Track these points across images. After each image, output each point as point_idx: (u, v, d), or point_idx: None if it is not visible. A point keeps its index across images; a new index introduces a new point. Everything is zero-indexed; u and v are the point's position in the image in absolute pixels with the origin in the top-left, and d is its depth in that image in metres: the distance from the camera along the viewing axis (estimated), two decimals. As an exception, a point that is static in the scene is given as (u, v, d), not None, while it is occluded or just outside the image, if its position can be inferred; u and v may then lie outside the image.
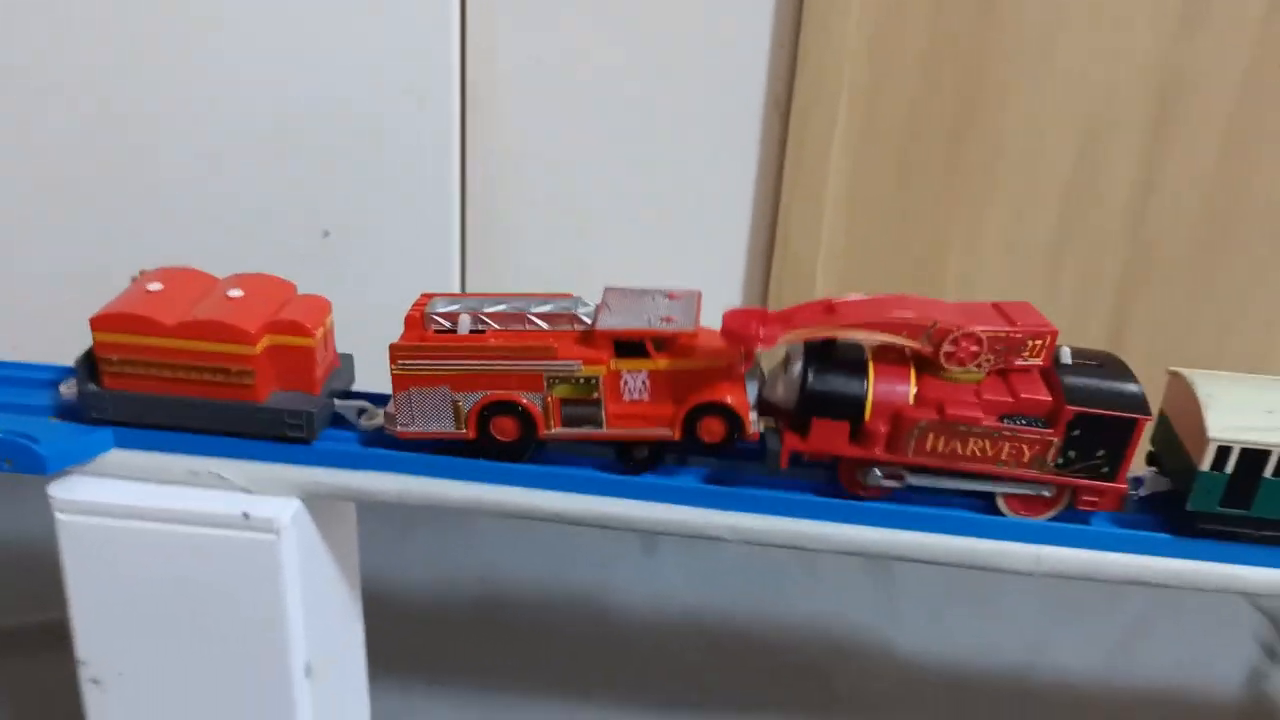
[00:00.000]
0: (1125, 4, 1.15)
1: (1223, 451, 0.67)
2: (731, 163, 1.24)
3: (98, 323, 0.71)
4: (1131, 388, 0.68)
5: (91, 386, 0.73)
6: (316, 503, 0.75)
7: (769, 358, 0.73)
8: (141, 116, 1.19)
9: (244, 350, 0.71)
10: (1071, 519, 0.71)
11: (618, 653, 1.15)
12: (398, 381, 0.71)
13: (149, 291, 0.73)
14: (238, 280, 0.76)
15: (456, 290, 1.30)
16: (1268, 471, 0.67)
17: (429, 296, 0.75)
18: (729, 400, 0.70)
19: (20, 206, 1.23)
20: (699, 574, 1.26)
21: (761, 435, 0.72)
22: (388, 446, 0.74)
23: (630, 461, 0.73)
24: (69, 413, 0.75)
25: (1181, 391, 0.71)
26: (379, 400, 0.77)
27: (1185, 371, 0.72)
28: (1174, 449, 0.72)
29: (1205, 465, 0.68)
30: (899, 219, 1.26)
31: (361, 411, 0.77)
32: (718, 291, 1.30)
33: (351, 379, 0.79)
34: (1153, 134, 1.20)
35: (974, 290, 1.28)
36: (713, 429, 0.71)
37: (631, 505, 0.73)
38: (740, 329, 0.67)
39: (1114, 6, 1.15)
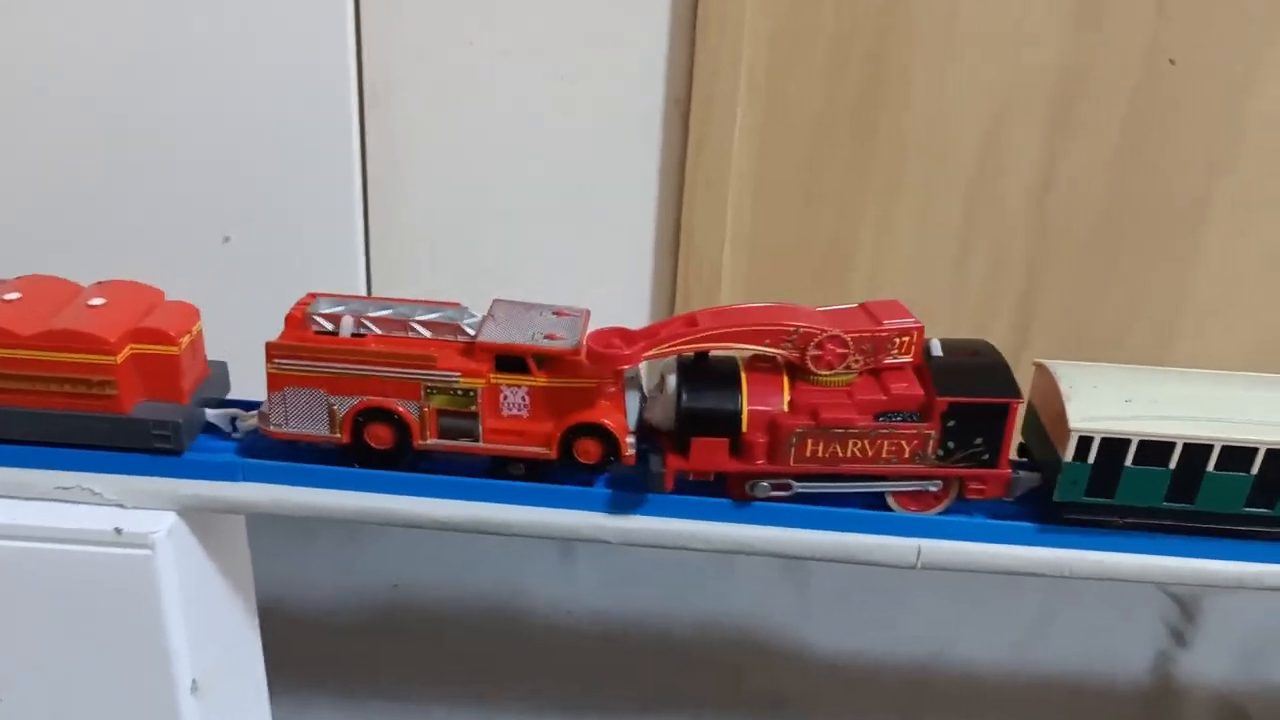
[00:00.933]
0: (1022, -5, 1.16)
1: (1084, 441, 0.68)
2: (635, 160, 1.23)
3: None
4: (1000, 372, 0.69)
5: None
6: (196, 515, 0.73)
7: (650, 377, 0.72)
8: (30, 120, 1.16)
9: (104, 360, 0.69)
10: (961, 510, 0.72)
11: (529, 658, 1.15)
12: (273, 380, 0.70)
13: (5, 301, 0.71)
14: (100, 288, 0.74)
15: (363, 292, 1.28)
16: (1128, 460, 0.68)
17: (314, 296, 0.74)
18: (606, 422, 0.69)
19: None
20: (614, 577, 1.26)
21: (643, 455, 0.71)
22: (263, 456, 0.73)
23: (505, 478, 0.72)
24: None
25: (1046, 383, 0.72)
26: (254, 406, 0.75)
27: (1048, 363, 0.73)
28: (1041, 440, 0.72)
29: (1069, 456, 0.68)
30: (806, 211, 1.26)
31: (234, 419, 0.75)
32: (627, 288, 1.30)
33: (226, 387, 0.78)
34: (1053, 124, 1.21)
35: (884, 281, 1.29)
36: (589, 450, 0.70)
37: (513, 510, 0.72)
38: (603, 349, 0.66)
39: (1011, -2, 1.16)
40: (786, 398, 0.69)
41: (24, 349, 0.69)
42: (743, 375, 0.70)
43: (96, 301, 0.72)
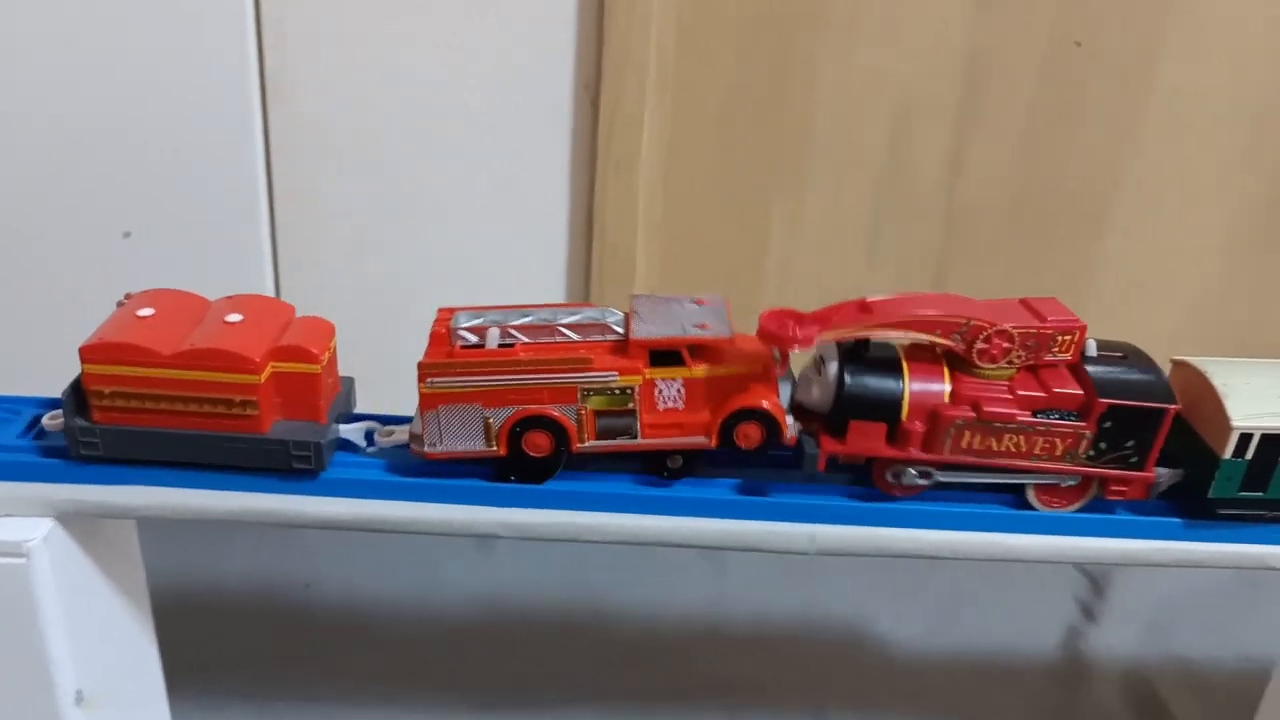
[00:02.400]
0: (925, -20, 1.16)
1: (1244, 438, 0.69)
2: (545, 147, 1.20)
3: (88, 353, 0.67)
4: (1158, 378, 0.70)
5: (80, 421, 0.68)
6: (79, 521, 0.71)
7: (798, 361, 0.71)
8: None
9: (249, 380, 0.67)
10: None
11: (447, 653, 1.13)
12: (426, 400, 0.69)
13: (140, 318, 0.69)
14: (234, 303, 0.72)
15: (270, 286, 1.25)
16: None
17: (450, 311, 0.73)
18: (765, 405, 0.69)
19: None
20: (535, 570, 1.25)
21: (797, 440, 0.71)
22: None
23: (664, 471, 0.72)
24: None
25: (1192, 378, 0.72)
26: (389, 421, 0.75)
27: (1193, 359, 0.73)
28: (1186, 437, 0.72)
29: (1228, 453, 0.69)
30: (719, 199, 1.25)
31: (370, 433, 0.74)
32: (539, 277, 1.28)
33: (353, 402, 0.76)
34: (961, 110, 1.22)
35: (797, 268, 1.29)
36: (750, 435, 0.69)
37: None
38: (778, 330, 0.66)
39: (915, -17, 1.16)
40: (948, 388, 0.69)
41: (167, 368, 0.67)
42: (904, 362, 0.69)
43: (234, 318, 0.70)
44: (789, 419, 0.69)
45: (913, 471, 0.69)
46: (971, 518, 0.72)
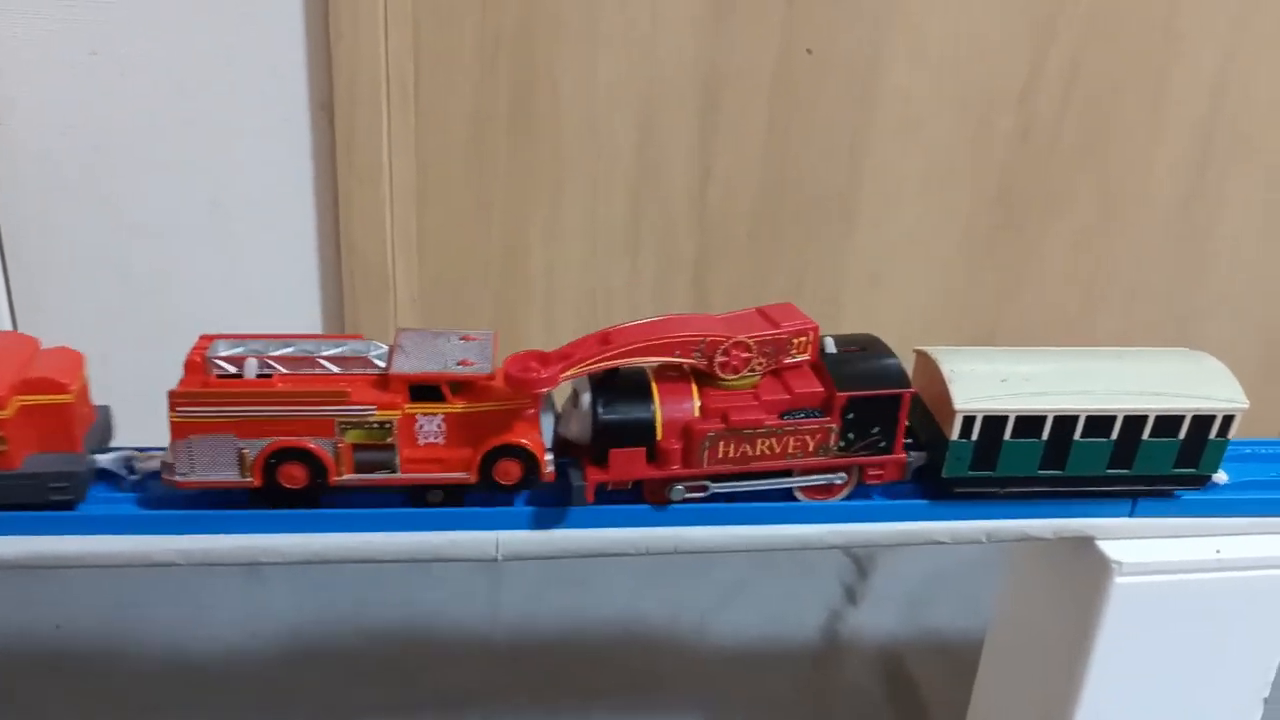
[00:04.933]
0: (658, -7, 1.19)
1: (968, 421, 0.73)
2: (286, 167, 1.19)
3: None
4: (892, 365, 0.74)
5: None
6: None
7: (560, 393, 0.72)
8: None
9: None
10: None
11: (210, 686, 1.10)
12: (177, 429, 0.67)
13: None
14: None
15: (5, 316, 1.20)
16: (1007, 434, 0.74)
17: (209, 339, 0.71)
18: (525, 442, 0.70)
19: None
20: (307, 594, 1.23)
21: (561, 470, 0.72)
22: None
23: (424, 505, 0.72)
24: None
25: (928, 367, 0.77)
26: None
27: (929, 349, 0.78)
28: (926, 421, 0.77)
29: (955, 434, 0.73)
30: (475, 211, 1.25)
31: (129, 461, 0.72)
32: (293, 295, 1.26)
33: (110, 432, 0.74)
34: (703, 118, 1.26)
35: (560, 279, 1.31)
36: (510, 471, 0.70)
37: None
38: (520, 374, 0.67)
39: (646, -4, 1.19)
40: (697, 404, 0.71)
41: None
42: (653, 385, 0.71)
43: None
44: (549, 455, 0.71)
45: (680, 488, 0.72)
46: (735, 513, 0.75)
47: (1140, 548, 0.78)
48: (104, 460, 0.71)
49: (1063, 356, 0.79)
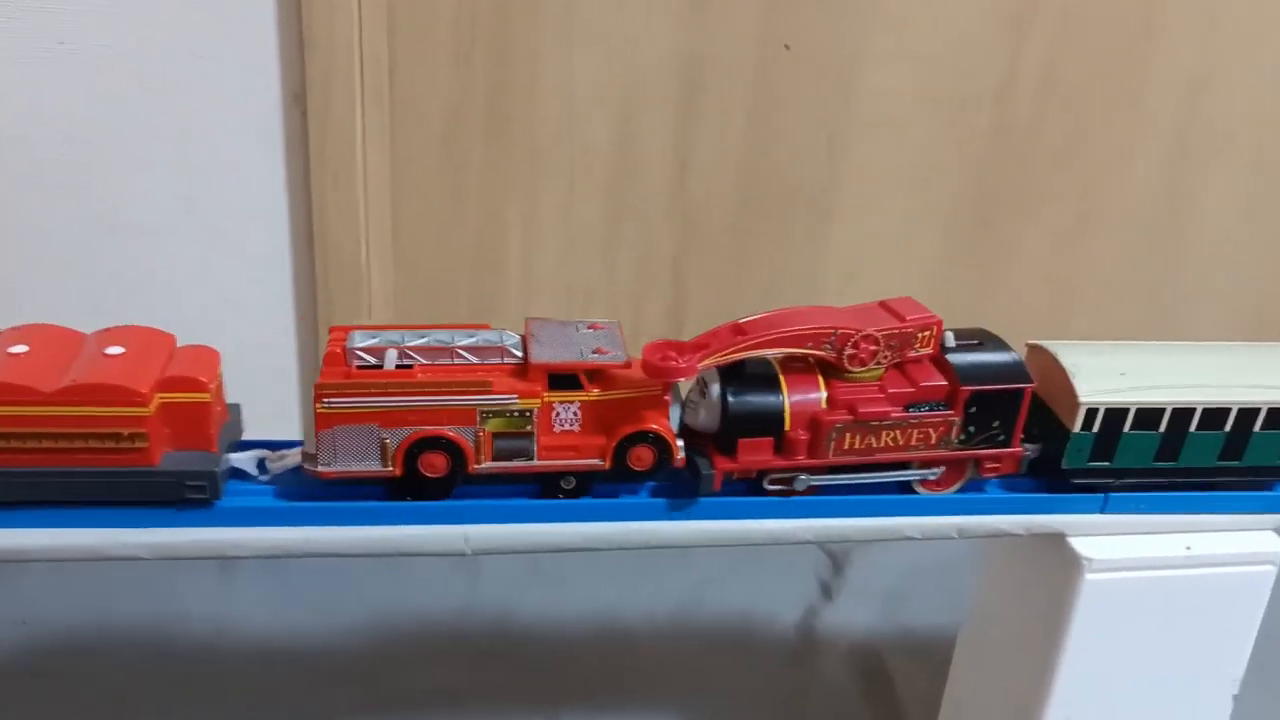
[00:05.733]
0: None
1: (1091, 413, 0.74)
2: (261, 159, 1.18)
3: None
4: (1014, 360, 0.75)
5: None
6: None
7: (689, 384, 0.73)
8: None
9: (136, 412, 0.65)
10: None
11: (185, 684, 1.09)
12: (322, 419, 0.68)
13: (13, 355, 0.66)
14: (112, 335, 0.70)
15: None
16: (1126, 427, 0.75)
17: (343, 330, 0.72)
18: (657, 429, 0.71)
19: None
20: (281, 590, 1.22)
21: (688, 459, 0.73)
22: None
23: (558, 493, 0.73)
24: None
25: (1044, 361, 0.77)
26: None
27: (1045, 343, 0.79)
28: (1042, 414, 0.77)
29: (1077, 427, 0.75)
30: (450, 203, 1.24)
31: (262, 461, 0.72)
32: (266, 289, 1.25)
33: (240, 429, 0.74)
34: (682, 113, 1.25)
35: (537, 274, 1.30)
36: (643, 457, 0.71)
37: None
38: (661, 364, 0.68)
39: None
40: (824, 395, 0.72)
41: (49, 406, 0.64)
42: (781, 376, 0.72)
43: (114, 350, 0.68)
44: (679, 442, 0.71)
45: (804, 478, 0.73)
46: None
47: (1111, 544, 0.78)
48: (237, 459, 0.72)
49: (1172, 350, 0.81)
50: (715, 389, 0.72)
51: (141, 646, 1.13)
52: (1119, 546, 0.78)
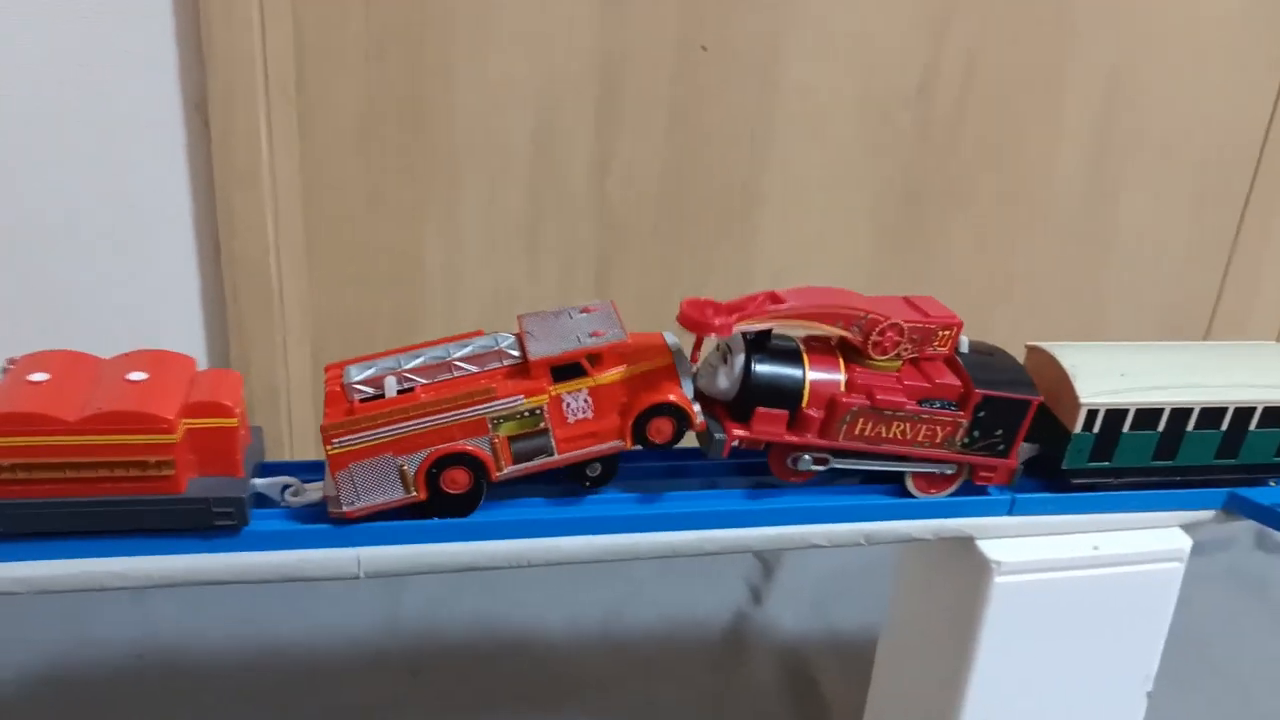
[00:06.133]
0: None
1: (1091, 414, 0.75)
2: (162, 168, 1.15)
3: None
4: (1023, 373, 0.76)
5: None
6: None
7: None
8: None
9: (163, 440, 0.64)
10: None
11: (96, 709, 1.06)
12: (335, 461, 0.67)
13: (33, 383, 0.65)
14: (132, 360, 0.69)
15: None
16: (1126, 427, 0.76)
17: (338, 367, 0.72)
18: (673, 398, 0.70)
19: None
20: (197, 612, 1.19)
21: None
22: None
23: (585, 481, 0.73)
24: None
25: (1043, 362, 0.79)
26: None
27: (1044, 344, 0.80)
28: (1041, 415, 0.77)
29: (1078, 427, 0.75)
30: (365, 210, 1.22)
31: (285, 488, 0.72)
32: (173, 301, 1.22)
33: (262, 452, 0.74)
34: (601, 113, 1.24)
35: (459, 278, 1.28)
36: (663, 429, 0.71)
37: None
38: (700, 318, 0.68)
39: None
40: (844, 377, 0.73)
41: (73, 435, 0.63)
42: (804, 353, 0.73)
43: (136, 376, 0.66)
44: (696, 407, 0.71)
45: (808, 458, 0.73)
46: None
47: (1020, 546, 0.78)
48: (260, 484, 0.71)
49: (1168, 350, 0.82)
50: (740, 355, 0.72)
51: (57, 675, 1.10)
52: (1027, 548, 0.78)
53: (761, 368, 0.71)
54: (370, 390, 0.69)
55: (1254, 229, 1.45)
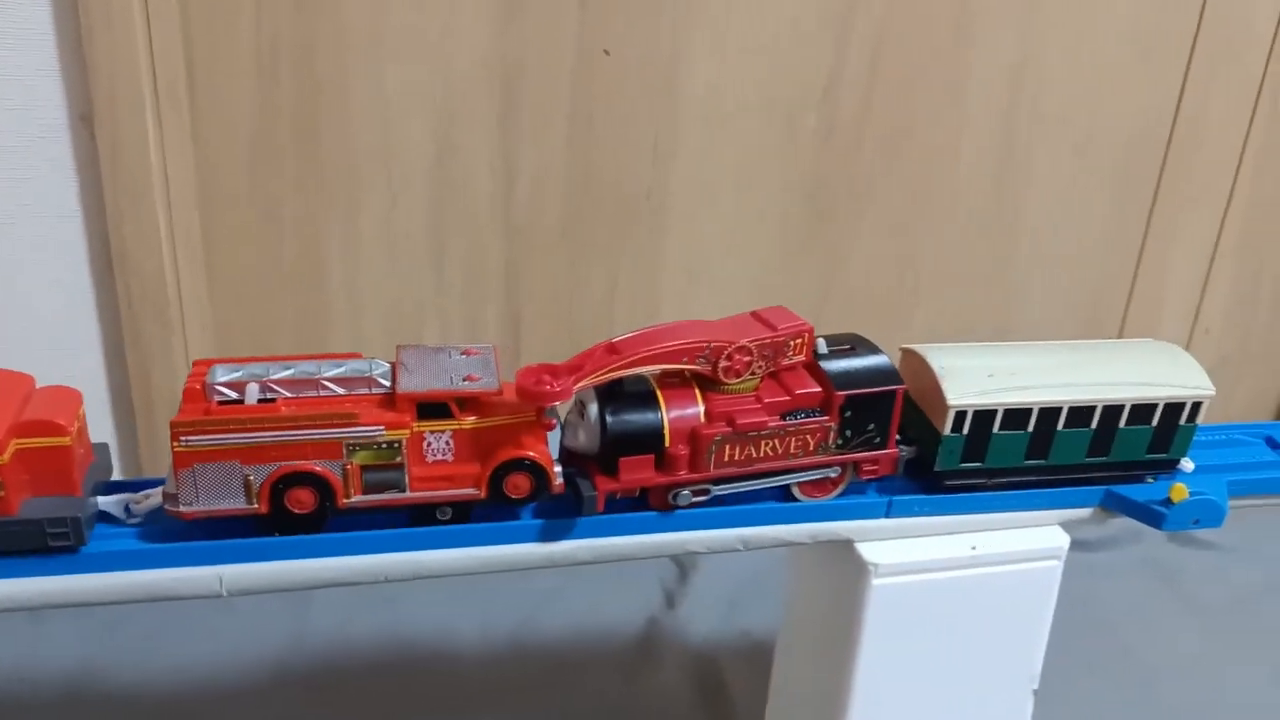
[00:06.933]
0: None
1: (960, 415, 0.76)
2: (51, 182, 1.13)
3: None
4: (884, 363, 0.76)
5: None
6: None
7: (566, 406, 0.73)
8: None
9: None
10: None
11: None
12: (180, 459, 0.66)
13: None
14: None
15: None
16: (995, 427, 0.77)
17: (205, 364, 0.70)
18: (533, 455, 0.70)
19: None
20: (93, 636, 1.16)
21: (569, 481, 0.72)
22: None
23: (433, 524, 0.72)
24: None
25: (916, 364, 0.79)
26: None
27: (916, 347, 0.80)
28: (915, 417, 0.78)
29: (947, 429, 0.76)
30: (264, 223, 1.20)
31: (128, 504, 0.70)
32: (68, 317, 1.20)
33: (110, 470, 0.72)
34: (502, 122, 1.22)
35: (363, 293, 1.27)
36: (519, 485, 0.70)
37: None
38: (534, 388, 0.67)
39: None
40: (702, 409, 0.72)
41: None
42: (658, 393, 0.72)
43: None
44: (557, 468, 0.71)
45: (687, 492, 0.73)
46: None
47: (898, 548, 0.78)
48: (104, 502, 0.70)
49: (1039, 350, 0.82)
50: (593, 409, 0.71)
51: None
52: (905, 550, 0.78)
53: (616, 418, 0.71)
54: (231, 394, 0.68)
55: (1165, 217, 1.47)
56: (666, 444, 0.71)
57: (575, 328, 1.35)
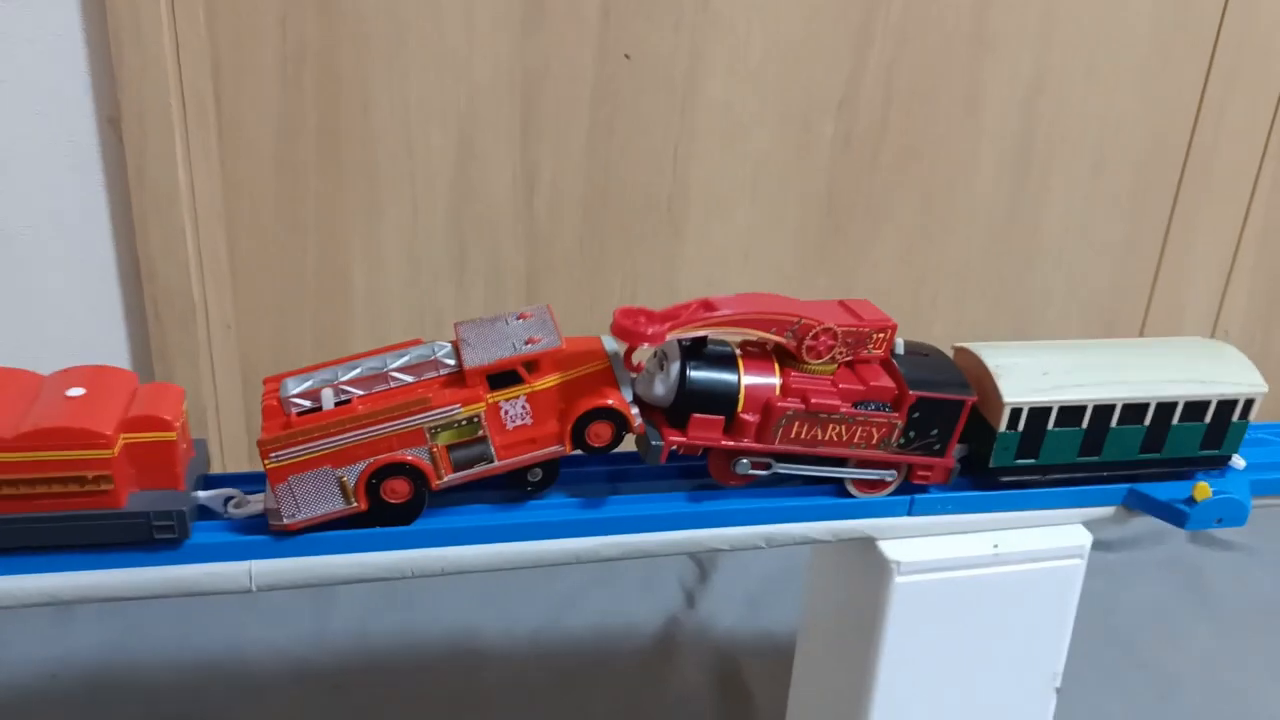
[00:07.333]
0: (467, 3, 1.17)
1: (1015, 413, 0.76)
2: (79, 187, 1.15)
3: None
4: (958, 373, 0.77)
5: None
6: None
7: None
8: None
9: (100, 455, 0.64)
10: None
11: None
12: (273, 474, 0.68)
13: None
14: (71, 376, 0.69)
15: None
16: (1050, 424, 0.77)
17: (275, 380, 0.72)
18: (611, 402, 0.71)
19: None
20: (119, 632, 1.17)
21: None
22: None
23: (527, 486, 0.74)
24: None
25: (970, 363, 0.79)
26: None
27: (970, 345, 0.80)
28: (968, 416, 0.78)
29: (1003, 426, 0.76)
30: (288, 232, 1.22)
31: (228, 500, 0.72)
32: (94, 323, 1.21)
33: (207, 465, 0.74)
34: (524, 129, 1.24)
35: (383, 300, 1.28)
36: (601, 433, 0.72)
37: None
38: (632, 327, 0.69)
39: (454, 6, 1.17)
40: (778, 381, 0.73)
41: (9, 452, 0.63)
42: (739, 359, 0.73)
43: (75, 392, 0.67)
44: (634, 410, 0.72)
45: (746, 462, 0.74)
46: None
47: (920, 546, 0.79)
48: (203, 497, 0.71)
49: (1091, 349, 0.83)
50: (675, 363, 0.72)
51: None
52: (927, 548, 0.78)
53: (696, 374, 0.72)
54: (308, 403, 0.70)
55: (1183, 224, 1.47)
56: (739, 408, 0.73)
57: (592, 330, 1.35)
